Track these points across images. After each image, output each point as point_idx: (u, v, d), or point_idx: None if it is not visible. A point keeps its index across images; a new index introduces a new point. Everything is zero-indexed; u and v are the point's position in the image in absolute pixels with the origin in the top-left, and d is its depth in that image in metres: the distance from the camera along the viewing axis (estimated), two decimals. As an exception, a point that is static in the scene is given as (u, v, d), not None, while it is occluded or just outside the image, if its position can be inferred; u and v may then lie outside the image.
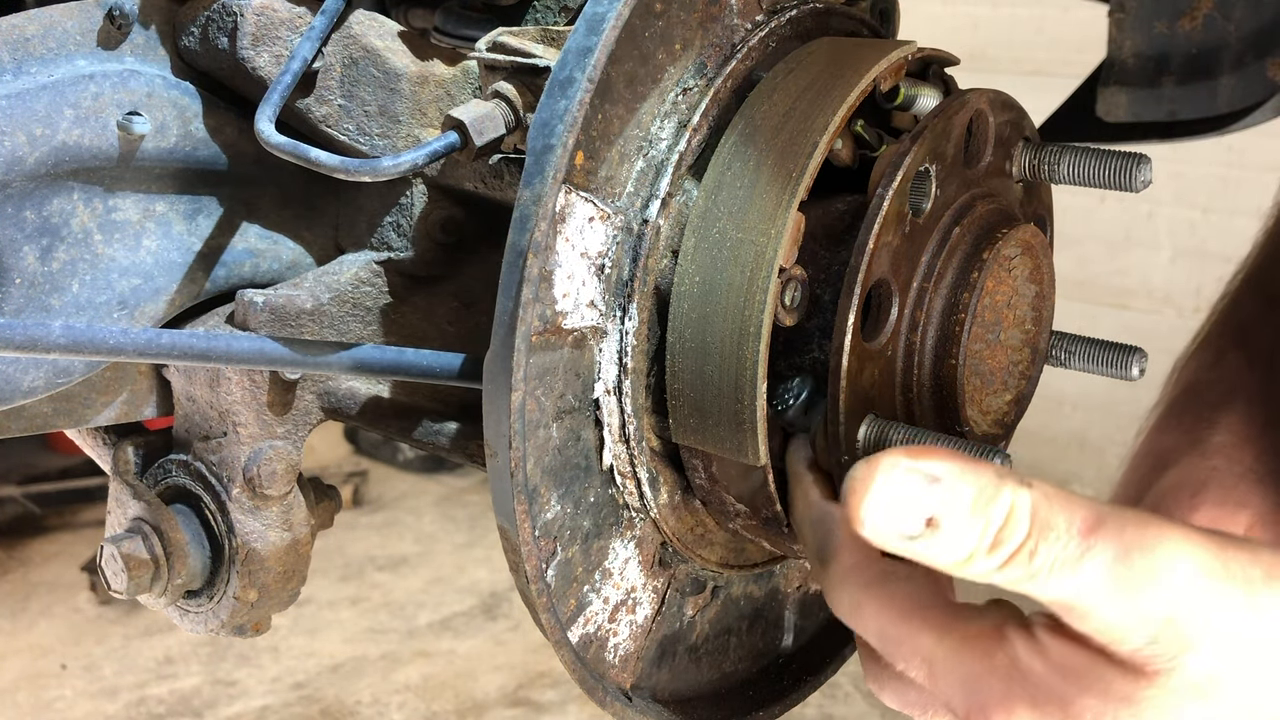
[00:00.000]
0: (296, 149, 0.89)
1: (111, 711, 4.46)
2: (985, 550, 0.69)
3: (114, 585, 1.06)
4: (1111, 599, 0.69)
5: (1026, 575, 0.69)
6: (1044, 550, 0.68)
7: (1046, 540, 0.68)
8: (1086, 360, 1.03)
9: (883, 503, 0.68)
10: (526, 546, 0.82)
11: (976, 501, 0.68)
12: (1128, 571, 0.68)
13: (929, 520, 0.68)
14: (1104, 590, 0.69)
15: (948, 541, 0.68)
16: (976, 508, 0.68)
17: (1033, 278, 0.97)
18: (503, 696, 4.59)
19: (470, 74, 1.04)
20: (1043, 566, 0.69)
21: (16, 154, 0.92)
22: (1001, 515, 0.68)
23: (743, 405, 0.84)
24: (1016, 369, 0.99)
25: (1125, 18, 1.43)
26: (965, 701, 0.75)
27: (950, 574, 0.72)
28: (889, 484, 0.68)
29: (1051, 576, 0.69)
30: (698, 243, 0.86)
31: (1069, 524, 0.69)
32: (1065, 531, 0.69)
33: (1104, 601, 0.69)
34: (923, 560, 0.70)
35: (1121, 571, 0.68)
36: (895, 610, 0.78)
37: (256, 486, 1.04)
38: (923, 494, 0.68)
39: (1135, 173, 0.92)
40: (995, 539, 0.68)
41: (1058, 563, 0.69)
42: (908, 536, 0.69)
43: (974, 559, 0.69)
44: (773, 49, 0.92)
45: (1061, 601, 0.70)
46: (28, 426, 1.07)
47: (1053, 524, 0.69)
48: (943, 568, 0.71)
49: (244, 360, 0.90)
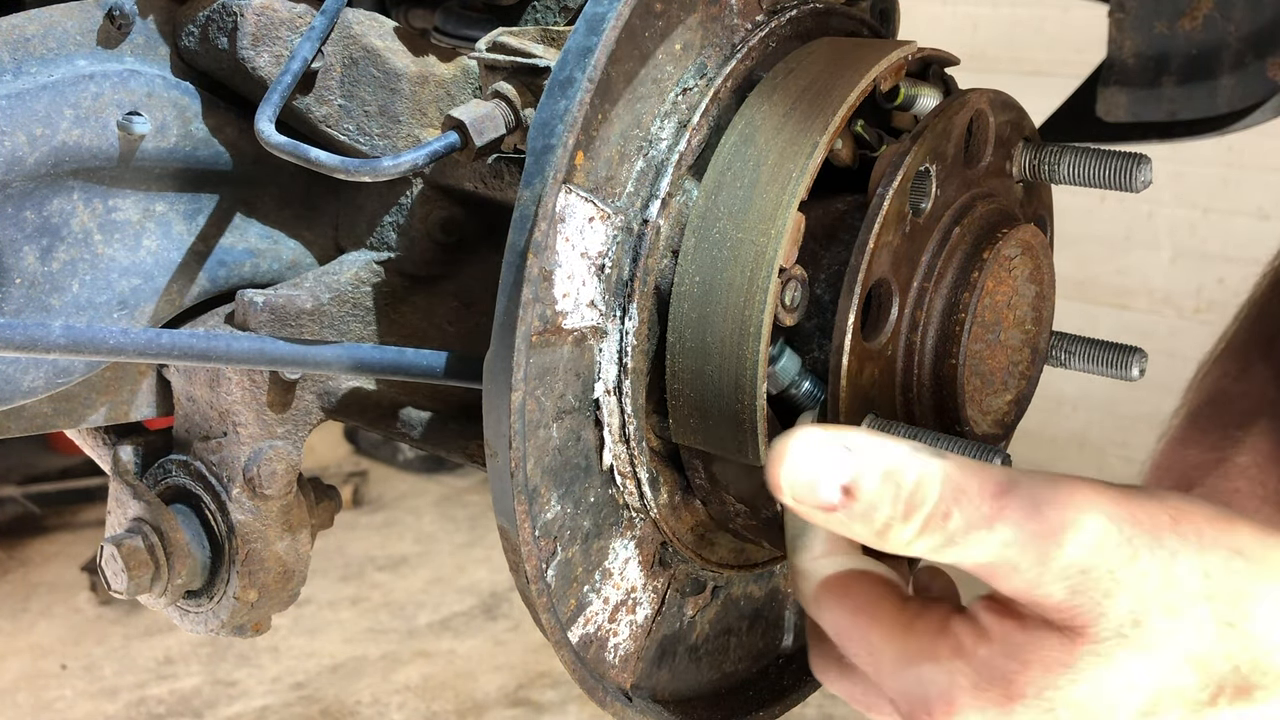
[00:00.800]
0: (296, 149, 0.89)
1: (111, 711, 4.46)
2: (900, 517, 0.72)
3: (114, 585, 1.06)
4: (1027, 554, 0.71)
5: (945, 540, 0.72)
6: (958, 514, 0.71)
7: (959, 504, 0.71)
8: (1086, 361, 1.04)
9: (800, 468, 0.72)
10: (526, 546, 0.82)
11: (889, 469, 0.72)
12: (1040, 526, 0.71)
13: (845, 488, 0.72)
14: (1019, 546, 0.71)
15: (863, 508, 0.72)
16: (888, 475, 0.72)
17: (1033, 278, 0.97)
18: (503, 696, 4.59)
19: (470, 74, 1.04)
20: (958, 529, 0.71)
21: (16, 154, 0.92)
22: (912, 480, 0.72)
23: (743, 405, 0.84)
24: (1016, 369, 0.99)
25: (1125, 18, 1.43)
26: (908, 700, 0.77)
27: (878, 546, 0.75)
28: (805, 450, 0.72)
29: (968, 538, 0.72)
30: (698, 243, 0.86)
31: (981, 487, 0.72)
32: (978, 494, 0.72)
33: (1021, 557, 0.71)
34: (847, 532, 0.74)
35: (1034, 527, 0.71)
36: (850, 605, 0.80)
37: (256, 486, 1.04)
38: (838, 461, 0.72)
39: (1135, 173, 0.92)
40: (908, 504, 0.72)
41: (973, 524, 0.71)
42: (827, 507, 0.72)
43: (891, 527, 0.72)
44: (773, 49, 0.92)
45: (983, 563, 0.73)
46: (28, 426, 1.07)
47: (965, 488, 0.72)
48: (865, 539, 0.74)
49: (244, 360, 0.90)
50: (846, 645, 0.81)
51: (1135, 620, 0.72)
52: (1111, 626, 0.72)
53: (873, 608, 0.80)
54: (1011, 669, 0.73)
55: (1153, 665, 0.72)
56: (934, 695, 0.75)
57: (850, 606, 0.81)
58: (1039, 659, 0.73)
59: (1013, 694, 0.73)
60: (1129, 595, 0.71)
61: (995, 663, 0.74)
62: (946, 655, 0.76)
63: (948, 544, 0.72)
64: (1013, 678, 0.73)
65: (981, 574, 0.74)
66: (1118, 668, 0.72)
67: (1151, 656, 0.72)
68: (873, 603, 0.80)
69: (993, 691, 0.74)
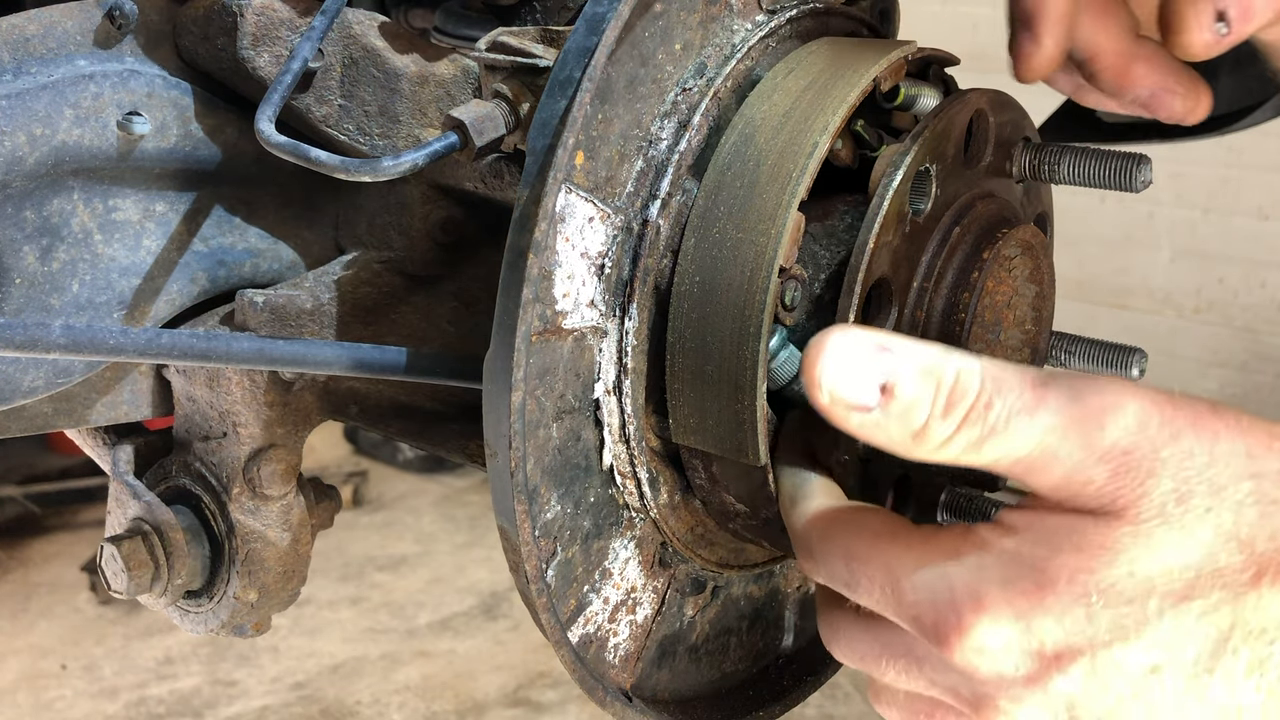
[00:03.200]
0: (296, 149, 0.89)
1: (111, 711, 4.46)
2: (940, 414, 0.71)
3: (114, 585, 1.06)
4: (1069, 438, 0.70)
5: (985, 431, 0.71)
6: (998, 403, 0.71)
7: (1000, 394, 0.71)
8: (1086, 361, 1.04)
9: (838, 364, 0.71)
10: (526, 546, 0.82)
11: (927, 365, 0.71)
12: (1082, 410, 0.70)
13: (883, 387, 0.71)
14: (1061, 431, 0.70)
15: (902, 407, 0.71)
16: (927, 370, 0.71)
17: (1032, 277, 0.97)
18: (503, 696, 4.59)
19: (470, 74, 1.04)
20: (1000, 418, 0.71)
21: (16, 154, 0.92)
22: (952, 375, 0.71)
23: (743, 405, 0.84)
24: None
25: (1125, 18, 1.42)
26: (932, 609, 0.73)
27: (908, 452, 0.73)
28: (843, 346, 0.71)
29: (1010, 427, 0.71)
30: (698, 243, 0.86)
31: (1020, 379, 0.71)
32: (1018, 385, 0.71)
33: (1062, 443, 0.70)
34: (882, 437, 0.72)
35: (1076, 411, 0.70)
36: (866, 533, 0.77)
37: (256, 486, 1.04)
38: (876, 358, 0.71)
39: (1135, 173, 0.92)
40: (948, 400, 0.71)
41: (1014, 412, 0.70)
42: (864, 408, 0.71)
43: (930, 427, 0.71)
44: (773, 49, 0.92)
45: (1022, 455, 0.71)
46: (28, 426, 1.07)
47: (1005, 380, 0.71)
48: (899, 441, 0.72)
49: (244, 360, 0.90)
50: (860, 570, 0.76)
51: (1179, 498, 0.70)
52: (1154, 505, 0.70)
53: (891, 532, 0.76)
54: (1041, 555, 0.71)
55: (1194, 544, 0.70)
56: (961, 595, 0.71)
57: (869, 534, 0.77)
58: (1072, 543, 0.70)
59: (1044, 582, 0.70)
60: (1172, 473, 0.70)
61: (1024, 551, 0.71)
62: (971, 556, 0.72)
63: (988, 435, 0.71)
64: (1044, 565, 0.70)
65: (1019, 470, 0.72)
66: (1157, 547, 0.70)
67: (1194, 535, 0.70)
68: (888, 525, 0.77)
69: (1023, 582, 0.70)
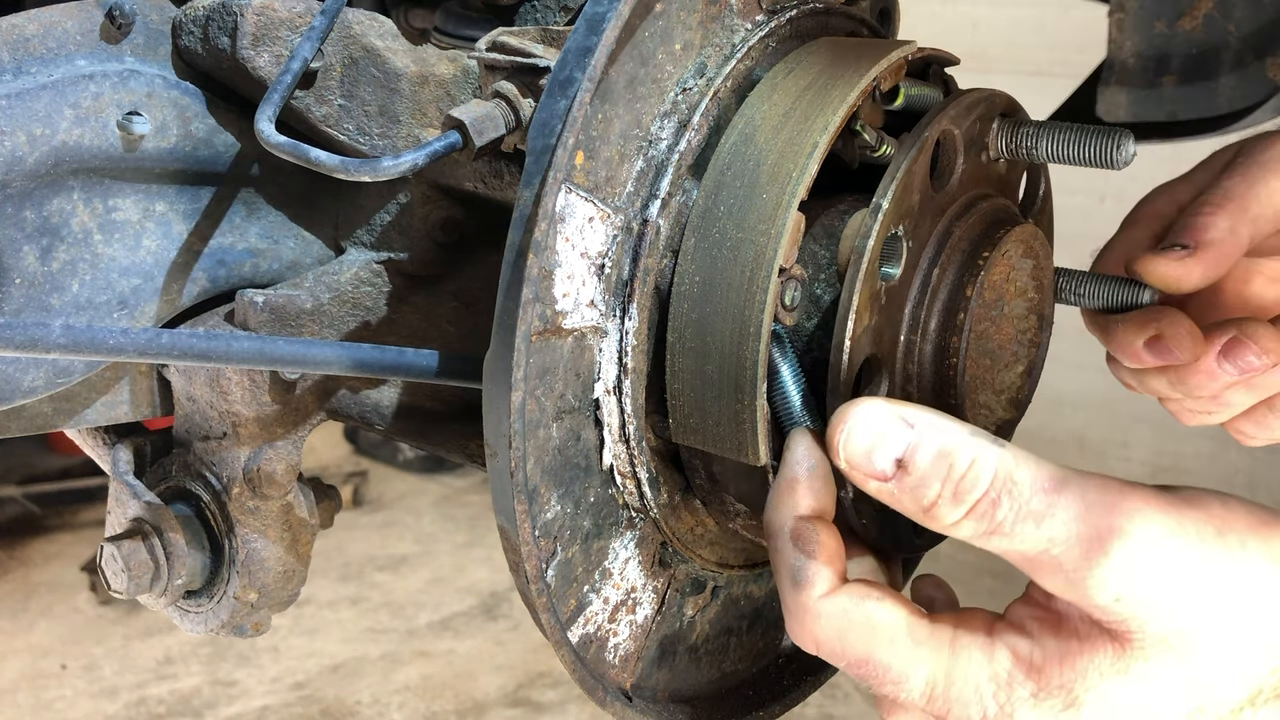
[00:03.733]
0: (296, 149, 0.89)
1: (111, 711, 4.46)
2: (949, 498, 0.73)
3: (114, 585, 1.06)
4: (1073, 555, 0.72)
5: (990, 528, 0.73)
6: (1006, 503, 0.72)
7: (1009, 494, 0.72)
8: (1096, 300, 1.04)
9: (859, 436, 0.75)
10: (526, 546, 0.82)
11: (944, 449, 0.73)
12: (1088, 530, 0.72)
13: (899, 461, 0.74)
14: (1066, 546, 0.72)
15: (914, 483, 0.74)
16: (942, 454, 0.73)
17: (1033, 274, 0.97)
18: (503, 696, 4.59)
19: (470, 74, 1.04)
20: (1006, 519, 0.73)
21: (16, 154, 0.92)
22: (965, 463, 0.73)
23: (743, 405, 0.84)
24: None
25: (1125, 18, 1.42)
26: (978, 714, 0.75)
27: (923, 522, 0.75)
28: (866, 419, 0.75)
29: (1015, 530, 0.72)
30: (698, 242, 0.86)
31: (1033, 481, 0.73)
32: (1029, 487, 0.73)
33: (1066, 557, 0.72)
34: (895, 505, 0.75)
35: (1082, 530, 0.72)
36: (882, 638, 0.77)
37: (256, 486, 1.04)
38: (896, 433, 0.74)
39: (1117, 148, 0.90)
40: (957, 489, 0.73)
41: (1023, 515, 0.72)
42: (880, 476, 0.74)
43: (940, 507, 0.74)
44: (773, 49, 0.92)
45: (1029, 554, 0.73)
46: (28, 426, 1.07)
47: (1017, 480, 0.73)
48: (911, 514, 0.75)
49: (244, 360, 0.90)
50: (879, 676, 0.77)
51: (1179, 630, 0.72)
52: (1158, 635, 0.72)
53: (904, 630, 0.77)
54: (1067, 675, 0.74)
55: (1199, 673, 0.73)
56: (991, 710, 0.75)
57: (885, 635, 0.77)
58: (1095, 667, 0.73)
59: (1071, 701, 0.73)
60: (1173, 606, 0.72)
61: (1050, 667, 0.74)
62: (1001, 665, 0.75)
63: (993, 532, 0.73)
64: (1070, 685, 0.73)
65: (1023, 565, 0.74)
66: (1165, 675, 0.73)
67: (1197, 665, 0.73)
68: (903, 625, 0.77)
69: (1053, 700, 0.74)
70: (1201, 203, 1.03)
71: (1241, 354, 1.01)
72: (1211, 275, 1.00)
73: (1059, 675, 0.74)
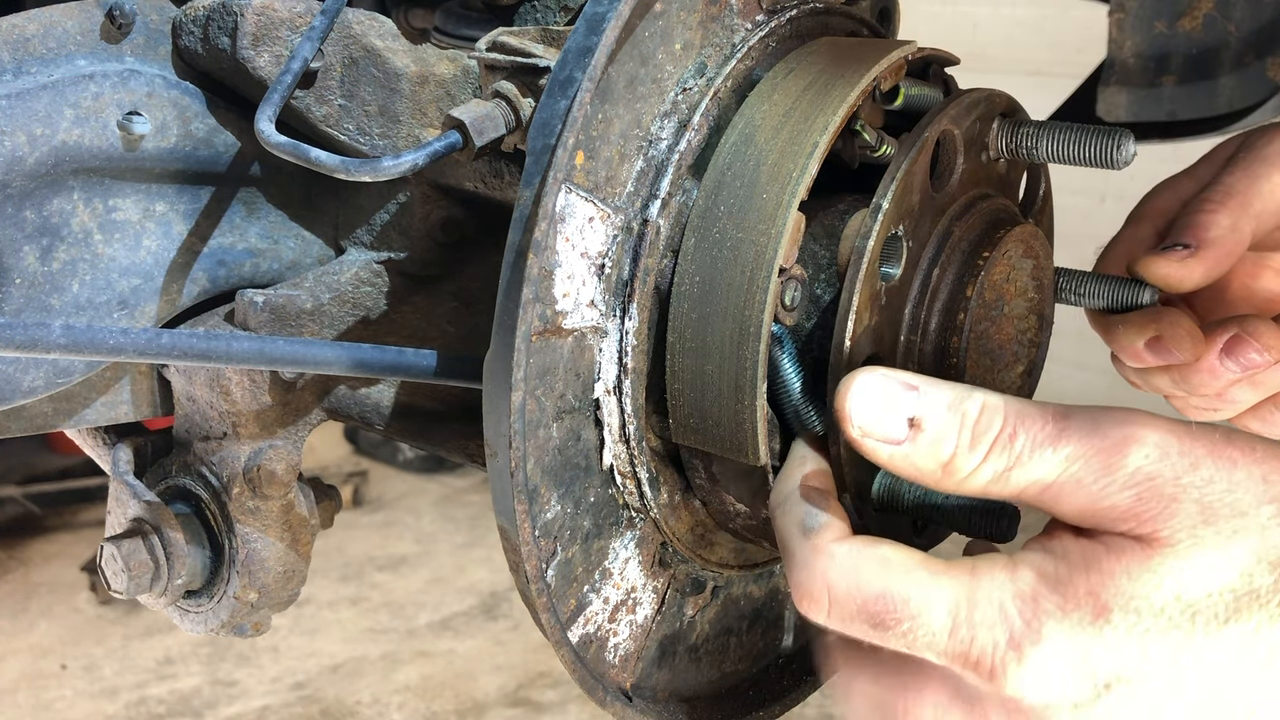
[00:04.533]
0: (296, 149, 0.89)
1: (111, 711, 4.46)
2: (967, 446, 0.74)
3: (114, 585, 1.06)
4: (1092, 466, 0.72)
5: (1011, 461, 0.73)
6: (1022, 435, 0.73)
7: (1024, 426, 0.73)
8: (1097, 298, 1.04)
9: (867, 399, 0.75)
10: (526, 546, 0.82)
11: (953, 400, 0.74)
12: (1103, 441, 0.72)
13: (911, 421, 0.74)
14: (1084, 460, 0.72)
15: (930, 439, 0.74)
16: (954, 404, 0.74)
17: (1034, 274, 0.97)
18: (503, 696, 4.59)
19: (470, 74, 1.04)
20: (1024, 449, 0.73)
21: (16, 154, 0.92)
22: (977, 409, 0.74)
23: (743, 405, 0.84)
24: (1022, 348, 0.99)
25: (1125, 18, 1.43)
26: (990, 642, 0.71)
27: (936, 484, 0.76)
28: (871, 384, 0.75)
29: (1034, 457, 0.73)
30: (698, 243, 0.86)
31: (1042, 413, 0.74)
32: (1040, 418, 0.74)
33: (1086, 470, 0.72)
34: (911, 469, 0.75)
35: (1097, 441, 0.72)
36: (898, 569, 0.74)
37: (256, 486, 1.04)
38: (903, 395, 0.75)
39: (1117, 149, 0.90)
40: (974, 432, 0.74)
41: (1038, 443, 0.73)
42: (893, 440, 0.75)
43: (958, 457, 0.74)
44: (773, 49, 0.92)
45: (1047, 483, 0.73)
46: (28, 426, 1.07)
47: (1027, 413, 0.74)
48: (928, 474, 0.75)
49: (244, 360, 0.90)
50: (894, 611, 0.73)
51: (1206, 520, 0.71)
52: (1184, 528, 0.71)
53: (921, 563, 0.75)
54: (1094, 581, 0.71)
55: (1230, 566, 0.71)
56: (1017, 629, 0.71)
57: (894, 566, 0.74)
58: (1122, 567, 0.71)
59: (1099, 609, 0.71)
60: (1195, 499, 0.71)
61: (1076, 578, 0.72)
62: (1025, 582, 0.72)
63: (1013, 465, 0.73)
64: (1098, 591, 0.71)
65: (1044, 498, 0.74)
66: (1197, 571, 0.71)
67: (1227, 558, 0.71)
68: (917, 559, 0.75)
69: (1079, 611, 0.71)
70: (1203, 200, 1.03)
71: (1244, 351, 1.01)
72: (1213, 274, 1.00)
73: (1086, 583, 0.71)
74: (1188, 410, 1.11)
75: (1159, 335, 1.01)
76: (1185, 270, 0.99)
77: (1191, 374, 1.03)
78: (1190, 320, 1.02)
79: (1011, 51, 5.42)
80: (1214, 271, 1.00)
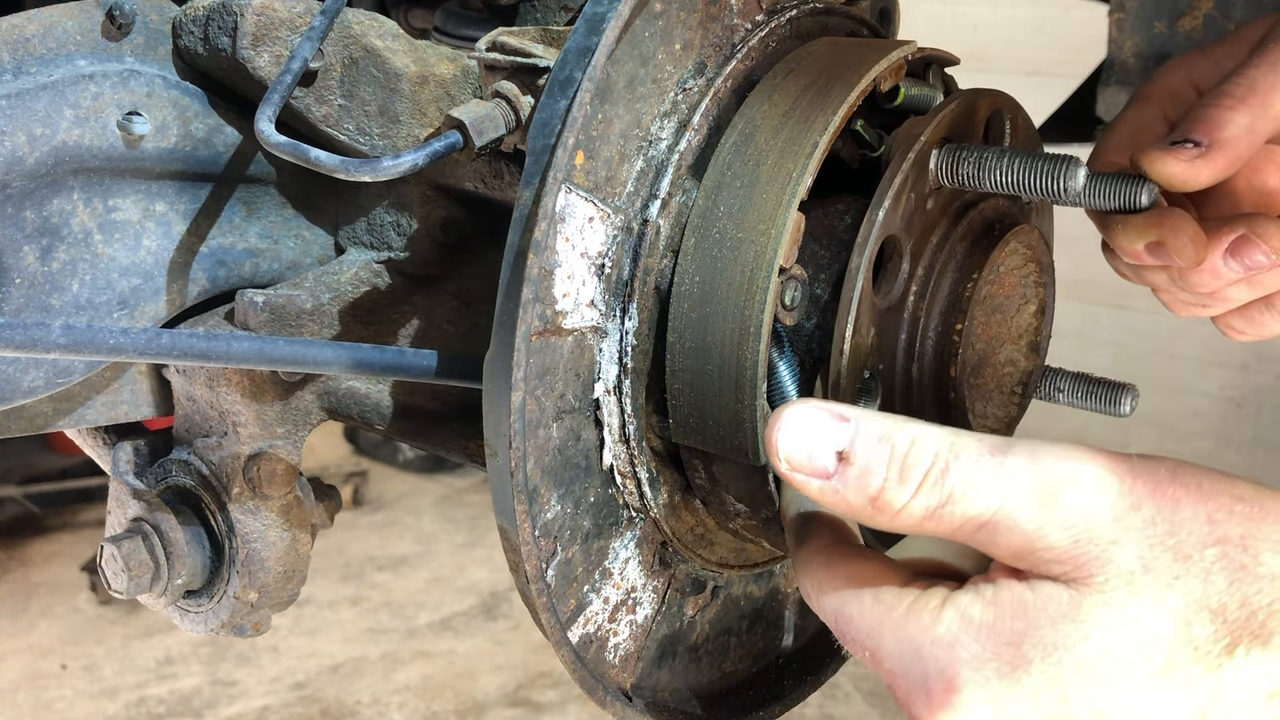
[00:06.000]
0: (296, 149, 0.89)
1: (111, 711, 4.46)
2: (896, 479, 0.71)
3: (114, 585, 1.06)
4: (1028, 504, 0.70)
5: (944, 497, 0.71)
6: (956, 469, 0.71)
7: (958, 460, 0.71)
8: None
9: (795, 433, 0.73)
10: (526, 546, 0.82)
11: (882, 431, 0.72)
12: (1040, 477, 0.70)
13: (840, 454, 0.72)
14: (1020, 497, 0.70)
15: (858, 472, 0.72)
16: (883, 437, 0.72)
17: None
18: (503, 696, 4.59)
19: (470, 74, 1.04)
20: (958, 484, 0.71)
21: (16, 154, 0.92)
22: (907, 441, 0.72)
23: (743, 405, 0.84)
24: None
25: (1125, 18, 1.43)
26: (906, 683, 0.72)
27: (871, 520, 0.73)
28: (800, 417, 0.73)
29: (968, 492, 0.71)
30: (698, 243, 0.86)
31: (978, 446, 0.71)
32: (975, 451, 0.71)
33: (1022, 508, 0.70)
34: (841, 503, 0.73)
35: (1034, 477, 0.70)
36: (851, 588, 0.76)
37: (256, 486, 1.04)
38: (833, 427, 0.73)
39: (1067, 178, 0.84)
40: (903, 465, 0.71)
41: (974, 478, 0.71)
42: (821, 473, 0.73)
43: (887, 490, 0.72)
44: (773, 49, 0.92)
45: (982, 520, 0.71)
46: (28, 426, 1.07)
47: (962, 446, 0.71)
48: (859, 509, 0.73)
49: (244, 360, 0.90)
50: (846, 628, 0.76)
51: (1145, 566, 0.68)
52: (1120, 573, 0.68)
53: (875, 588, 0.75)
54: (1016, 630, 0.69)
55: (1165, 615, 0.68)
56: (932, 674, 0.71)
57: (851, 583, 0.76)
58: (1045, 616, 0.69)
59: (1018, 660, 0.69)
60: (1135, 541, 0.69)
61: (998, 626, 0.70)
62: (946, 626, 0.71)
63: (946, 501, 0.71)
64: (1018, 641, 0.69)
65: (979, 537, 0.72)
66: (1128, 619, 0.68)
67: (1165, 607, 0.68)
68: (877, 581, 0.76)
69: (997, 661, 0.69)
70: (1221, 93, 0.95)
71: (1249, 253, 0.96)
72: (1220, 176, 0.93)
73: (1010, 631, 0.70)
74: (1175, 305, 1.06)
75: (1160, 240, 0.94)
76: (1193, 171, 0.92)
77: (1191, 273, 0.98)
78: (1194, 225, 0.95)
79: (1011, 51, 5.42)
80: (1223, 174, 0.93)
